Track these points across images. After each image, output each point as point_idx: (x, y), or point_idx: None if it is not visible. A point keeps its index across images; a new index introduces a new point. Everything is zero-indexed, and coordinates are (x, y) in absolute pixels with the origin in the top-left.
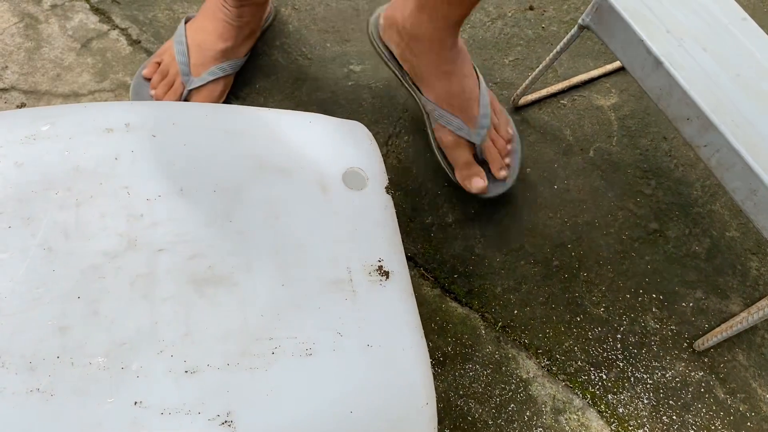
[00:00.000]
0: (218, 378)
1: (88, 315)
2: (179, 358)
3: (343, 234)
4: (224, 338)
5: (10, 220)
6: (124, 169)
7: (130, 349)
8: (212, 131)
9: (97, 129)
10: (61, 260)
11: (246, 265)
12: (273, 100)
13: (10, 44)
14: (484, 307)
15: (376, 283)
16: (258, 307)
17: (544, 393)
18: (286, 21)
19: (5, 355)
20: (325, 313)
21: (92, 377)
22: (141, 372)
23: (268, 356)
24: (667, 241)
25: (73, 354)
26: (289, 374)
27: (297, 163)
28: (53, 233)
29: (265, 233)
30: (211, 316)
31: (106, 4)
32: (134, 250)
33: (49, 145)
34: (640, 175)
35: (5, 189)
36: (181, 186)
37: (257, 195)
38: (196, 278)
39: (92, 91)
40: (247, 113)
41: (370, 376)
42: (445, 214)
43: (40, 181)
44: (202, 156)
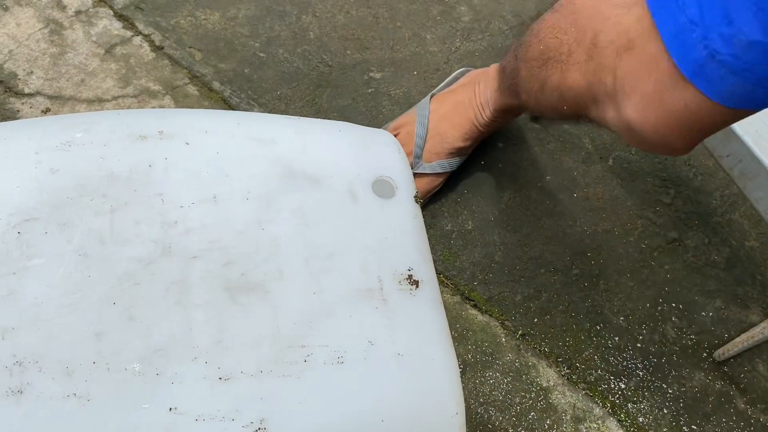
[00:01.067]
0: (252, 385)
1: (123, 321)
2: (213, 364)
3: (373, 242)
4: (257, 345)
5: (47, 226)
6: (157, 176)
7: (165, 356)
8: (244, 139)
9: (130, 136)
10: (96, 266)
11: (278, 272)
12: (294, 107)
13: (35, 50)
14: (504, 315)
15: (406, 292)
16: (290, 315)
17: (564, 401)
18: (307, 28)
19: (42, 360)
20: (356, 321)
21: (128, 383)
22: (176, 378)
23: (301, 364)
24: (686, 251)
25: (109, 360)
26: (322, 382)
27: (327, 171)
28: (89, 239)
29: (296, 241)
30: (244, 323)
31: (129, 11)
32: (168, 256)
33: (83, 151)
34: (659, 183)
35: (41, 195)
36: (214, 193)
37: (288, 203)
38: (230, 285)
39: (116, 97)
40: (277, 122)
41: (400, 385)
42: (464, 221)
43: (75, 187)
44: (234, 164)
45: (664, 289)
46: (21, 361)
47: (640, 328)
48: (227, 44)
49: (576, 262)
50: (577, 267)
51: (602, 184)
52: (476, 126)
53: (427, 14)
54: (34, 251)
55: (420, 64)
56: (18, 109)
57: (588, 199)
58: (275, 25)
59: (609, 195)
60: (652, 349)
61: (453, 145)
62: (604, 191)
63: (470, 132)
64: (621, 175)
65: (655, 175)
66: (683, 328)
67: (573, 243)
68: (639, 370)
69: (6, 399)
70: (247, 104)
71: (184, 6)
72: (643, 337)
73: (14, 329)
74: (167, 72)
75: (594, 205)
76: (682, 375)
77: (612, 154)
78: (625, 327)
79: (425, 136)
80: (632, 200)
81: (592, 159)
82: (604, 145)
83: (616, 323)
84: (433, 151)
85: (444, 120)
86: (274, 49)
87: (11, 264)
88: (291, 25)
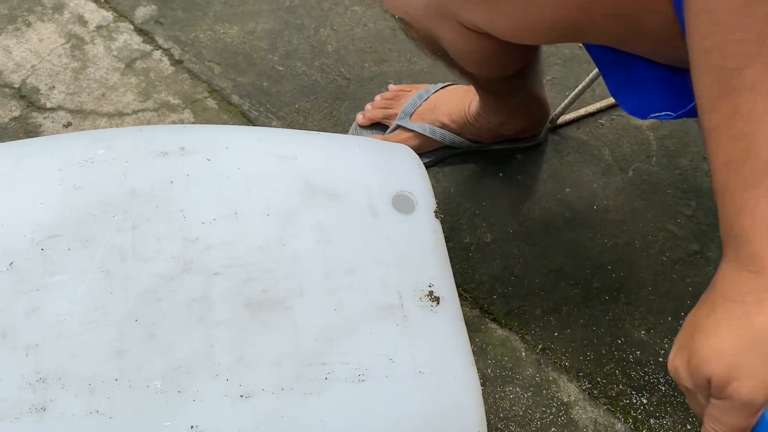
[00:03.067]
0: (273, 403)
1: (145, 338)
2: (235, 382)
3: (394, 258)
4: (278, 363)
5: (70, 243)
6: (179, 193)
7: (186, 373)
8: (264, 155)
9: (152, 152)
10: (118, 283)
11: (299, 289)
12: (312, 120)
13: (57, 65)
14: (523, 329)
15: (426, 309)
16: (311, 332)
17: (586, 417)
18: (325, 42)
19: (65, 377)
20: (377, 338)
21: (150, 400)
22: (197, 396)
23: (322, 381)
24: (708, 263)
25: (131, 377)
26: (343, 400)
27: (347, 186)
28: (111, 256)
29: (316, 257)
30: (265, 341)
31: (149, 25)
32: (189, 273)
33: (106, 168)
34: (680, 195)
35: (65, 212)
36: (235, 210)
37: (308, 219)
38: (250, 302)
39: (136, 111)
40: (297, 137)
41: (422, 403)
42: (483, 233)
43: (97, 203)
44: (255, 180)
45: (685, 302)
46: (44, 378)
47: (662, 342)
48: (246, 58)
49: (596, 275)
50: (597, 280)
51: (622, 196)
52: (465, 113)
53: None
54: (57, 268)
55: (437, 76)
56: (40, 123)
57: (608, 212)
58: (293, 39)
59: (629, 207)
60: None
61: (439, 118)
62: (624, 203)
63: (459, 115)
64: (641, 186)
65: (675, 186)
66: None
67: (593, 256)
68: (661, 385)
69: (30, 416)
70: (265, 117)
71: (204, 20)
72: (665, 351)
73: (37, 346)
74: (187, 86)
75: (614, 218)
76: None
77: (632, 166)
78: (646, 341)
79: (421, 102)
80: (653, 212)
81: (612, 171)
82: (623, 157)
83: (638, 337)
84: (422, 115)
85: (444, 97)
86: (292, 63)
87: (35, 281)
88: (309, 39)
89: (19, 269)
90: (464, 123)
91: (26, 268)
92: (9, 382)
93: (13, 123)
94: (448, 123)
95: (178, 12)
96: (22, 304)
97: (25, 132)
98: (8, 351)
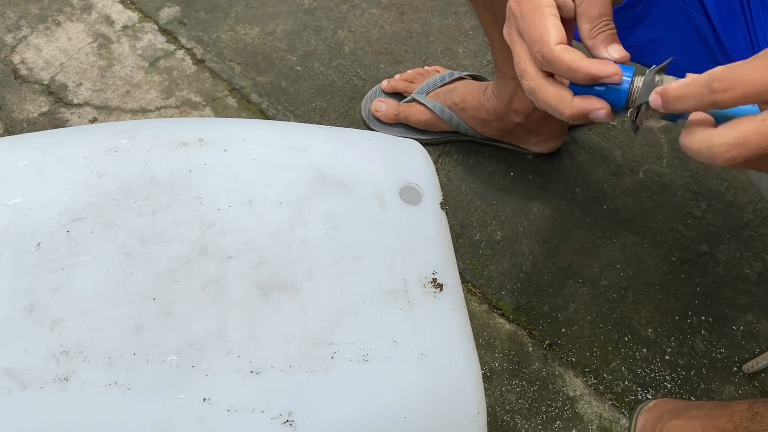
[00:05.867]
0: (281, 379)
1: (162, 316)
2: (245, 359)
3: (399, 246)
4: (287, 342)
5: (93, 226)
6: (197, 181)
7: (200, 349)
8: (278, 147)
9: (172, 143)
10: (138, 264)
11: (308, 273)
12: (329, 118)
13: (84, 63)
14: (531, 324)
15: (430, 295)
16: (318, 314)
17: (591, 411)
18: (342, 43)
19: (87, 350)
20: (382, 321)
21: (165, 374)
22: (210, 371)
23: (328, 360)
24: (717, 264)
25: (148, 351)
26: (347, 378)
27: (356, 177)
28: (131, 239)
29: (325, 244)
30: (275, 321)
31: (173, 25)
32: (205, 256)
33: (128, 157)
34: (690, 197)
35: (89, 197)
36: (250, 197)
37: (319, 207)
38: (262, 284)
39: (159, 108)
40: (310, 131)
41: (423, 383)
42: (493, 231)
43: (120, 189)
44: (269, 170)
45: (693, 302)
46: (67, 351)
47: (668, 341)
48: (265, 58)
49: (605, 273)
50: (605, 278)
51: (632, 197)
52: (479, 95)
53: (460, 29)
54: (81, 249)
55: None
56: (67, 118)
57: (618, 211)
58: (311, 40)
59: (639, 207)
60: (680, 361)
61: (453, 98)
62: (634, 204)
63: (473, 95)
64: (651, 187)
65: (686, 188)
66: (713, 341)
67: (602, 254)
68: (667, 383)
69: (53, 386)
70: (283, 116)
71: (225, 21)
72: (671, 349)
73: (62, 321)
74: (208, 84)
75: (624, 218)
76: (711, 388)
77: (642, 167)
78: (653, 339)
79: (442, 83)
80: (662, 213)
81: (623, 171)
82: (634, 158)
83: (645, 335)
84: (438, 95)
85: (464, 84)
86: (310, 63)
87: (61, 260)
88: (327, 40)
89: (47, 249)
90: (477, 104)
91: (53, 249)
92: (35, 354)
93: (42, 118)
94: (459, 102)
95: (200, 13)
96: (48, 282)
97: (53, 127)
98: (35, 325)
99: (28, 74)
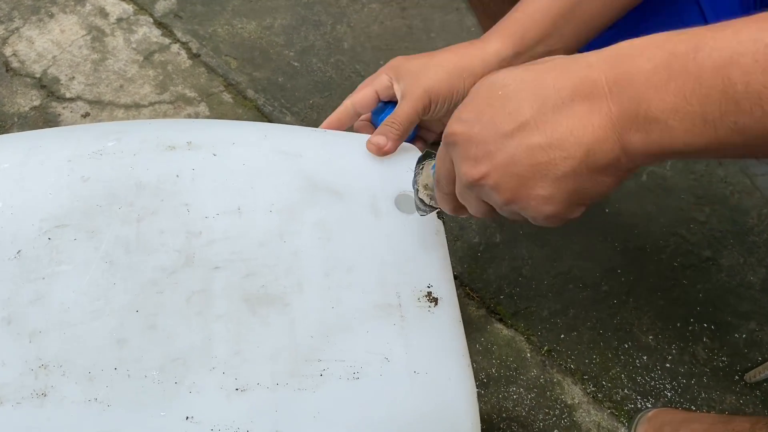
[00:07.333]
0: (267, 397)
1: (145, 329)
2: (230, 375)
3: (394, 258)
4: (274, 358)
5: (76, 233)
6: (184, 187)
7: (184, 364)
8: (270, 152)
9: (160, 146)
10: (121, 274)
11: (297, 285)
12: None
13: (77, 56)
14: (530, 330)
15: (424, 309)
16: (308, 329)
17: (589, 420)
18: (342, 38)
19: (66, 364)
20: (374, 337)
21: (147, 390)
22: (193, 387)
23: (317, 378)
24: (720, 270)
25: (130, 366)
26: (337, 397)
27: (350, 185)
28: (115, 247)
29: (316, 254)
30: (262, 335)
31: (168, 19)
32: (191, 266)
33: (114, 160)
34: (693, 201)
35: (72, 202)
36: (239, 205)
37: (310, 216)
38: (250, 297)
39: (152, 103)
40: (304, 134)
41: (416, 403)
42: (492, 234)
43: (104, 195)
44: (260, 176)
45: (695, 308)
46: (46, 365)
47: (669, 348)
48: (262, 53)
49: (605, 278)
50: (606, 283)
51: (635, 200)
52: None
53: (462, 25)
54: (63, 257)
55: None
56: (59, 113)
57: (620, 215)
58: (310, 35)
59: (641, 211)
60: (681, 369)
61: None
62: (636, 207)
63: None
64: (655, 191)
65: (689, 192)
66: (714, 349)
67: (603, 259)
68: (667, 391)
69: (31, 401)
70: (280, 112)
71: (222, 15)
72: (672, 356)
73: (41, 333)
74: (203, 79)
75: (626, 221)
76: (712, 397)
77: (646, 170)
78: (654, 346)
79: None
80: (665, 217)
81: None
82: None
83: (645, 342)
84: None
85: None
86: (308, 59)
87: (41, 269)
88: (325, 35)
89: (27, 257)
90: None
91: (33, 257)
92: (12, 368)
93: (33, 112)
94: None
95: (197, 6)
96: (28, 292)
97: (45, 121)
98: (12, 337)
99: (20, 67)
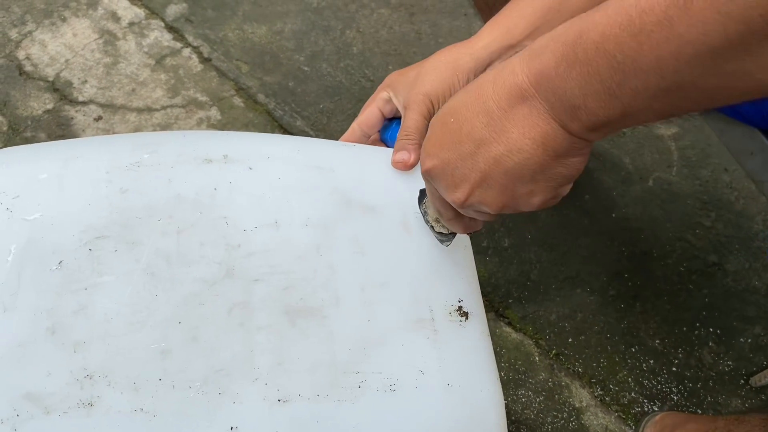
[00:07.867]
0: (308, 408)
1: (188, 340)
2: (273, 386)
3: (425, 273)
4: (314, 369)
5: (116, 245)
6: (222, 200)
7: (227, 376)
8: (304, 167)
9: (196, 159)
10: (163, 286)
11: (335, 299)
12: (336, 120)
13: (90, 59)
14: (538, 334)
15: (456, 324)
16: (346, 341)
17: (597, 423)
18: (351, 43)
19: (111, 374)
20: (408, 350)
21: (192, 401)
22: (237, 398)
23: (355, 390)
24: (726, 275)
25: (174, 377)
26: (375, 409)
27: (381, 199)
28: (156, 259)
29: (352, 268)
30: (302, 347)
31: (180, 23)
32: (231, 278)
33: (151, 172)
34: (699, 206)
35: (111, 214)
36: (276, 219)
37: (345, 231)
38: (289, 309)
39: (164, 107)
40: (335, 148)
41: (449, 414)
42: (500, 238)
43: (143, 207)
44: (295, 190)
45: (701, 313)
46: (91, 375)
47: (675, 352)
48: (273, 57)
49: (613, 282)
50: (613, 288)
51: (641, 205)
52: None
53: (470, 30)
54: (105, 268)
55: None
56: (72, 116)
57: (627, 220)
58: (320, 40)
59: (648, 216)
60: (687, 373)
61: None
62: (643, 212)
63: None
64: (661, 196)
65: (695, 197)
66: (720, 353)
67: (610, 263)
68: (674, 395)
69: (77, 411)
70: (290, 117)
71: (233, 19)
72: (678, 361)
73: (85, 343)
74: (214, 83)
75: (632, 226)
76: (718, 401)
77: (652, 175)
78: (660, 350)
79: None
80: (671, 222)
81: (632, 179)
82: (644, 166)
83: (652, 346)
84: None
85: None
86: (317, 64)
87: (83, 280)
88: (335, 40)
89: (69, 268)
90: None
91: (75, 268)
92: (58, 377)
93: (46, 115)
94: None
95: (208, 11)
96: (71, 303)
97: (57, 124)
98: (57, 347)
99: (33, 70)
